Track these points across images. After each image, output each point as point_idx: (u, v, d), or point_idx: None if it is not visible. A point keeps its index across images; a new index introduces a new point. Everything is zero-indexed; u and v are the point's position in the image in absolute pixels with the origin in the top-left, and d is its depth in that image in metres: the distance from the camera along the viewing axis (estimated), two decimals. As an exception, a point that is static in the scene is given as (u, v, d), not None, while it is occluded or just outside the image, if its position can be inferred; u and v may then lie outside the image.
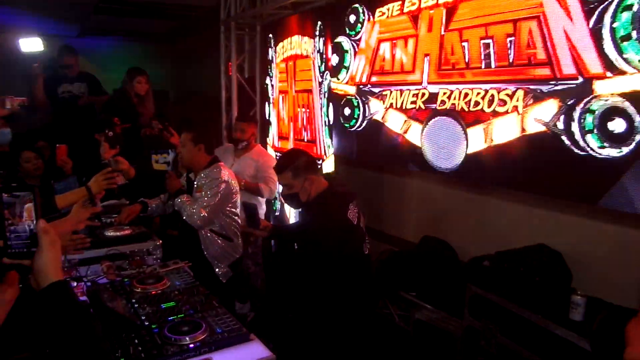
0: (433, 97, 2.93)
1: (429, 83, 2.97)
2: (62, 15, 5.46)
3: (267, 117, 5.30)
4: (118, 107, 4.70)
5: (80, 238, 2.30)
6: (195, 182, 3.12)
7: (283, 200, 2.47)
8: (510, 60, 2.44)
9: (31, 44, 5.07)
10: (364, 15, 3.50)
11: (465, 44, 2.69)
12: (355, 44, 3.62)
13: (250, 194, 3.93)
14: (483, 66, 2.60)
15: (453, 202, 3.70)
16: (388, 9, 3.27)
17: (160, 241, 2.86)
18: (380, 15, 3.35)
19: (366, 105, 3.54)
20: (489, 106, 2.59)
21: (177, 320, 1.87)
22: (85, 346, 1.07)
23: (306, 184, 2.37)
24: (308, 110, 4.47)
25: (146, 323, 1.85)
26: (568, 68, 2.17)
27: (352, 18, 3.62)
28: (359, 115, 3.60)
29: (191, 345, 1.70)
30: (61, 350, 1.06)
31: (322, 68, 4.11)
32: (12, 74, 5.88)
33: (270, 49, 5.08)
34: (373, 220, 3.62)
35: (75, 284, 2.24)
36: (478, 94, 2.65)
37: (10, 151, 3.79)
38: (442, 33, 2.83)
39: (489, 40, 2.55)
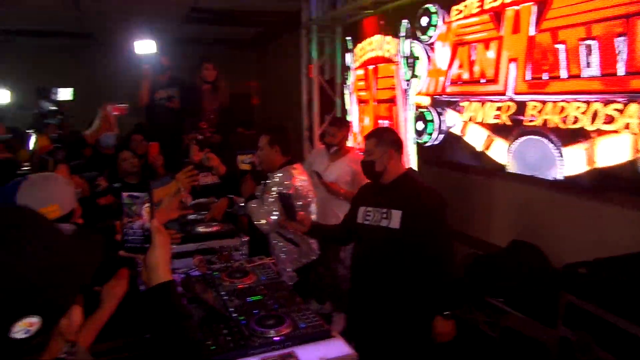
0: (520, 110, 2.61)
1: (515, 94, 2.64)
2: (155, 25, 5.78)
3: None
4: (188, 100, 5.04)
5: (172, 233, 2.45)
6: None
7: (362, 169, 2.56)
8: (621, 67, 2.05)
9: (145, 46, 5.22)
10: (437, 16, 3.24)
11: (560, 46, 2.33)
12: (428, 49, 3.36)
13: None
14: (584, 74, 2.22)
15: (545, 205, 3.49)
16: (466, 6, 2.99)
17: (247, 238, 2.98)
18: (456, 14, 3.08)
19: (441, 118, 3.24)
20: (592, 123, 2.22)
21: (263, 314, 1.93)
22: (176, 346, 1.13)
23: (385, 156, 2.50)
24: (391, 123, 4.18)
25: (234, 315, 1.94)
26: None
27: (424, 20, 3.34)
28: (433, 129, 3.33)
29: (276, 339, 1.76)
30: (156, 344, 1.14)
31: (408, 75, 3.83)
32: (126, 76, 6.23)
33: (347, 54, 4.95)
34: (457, 222, 3.50)
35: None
36: (577, 107, 2.27)
37: (114, 153, 4.10)
38: (532, 34, 2.49)
39: (592, 42, 2.17)
